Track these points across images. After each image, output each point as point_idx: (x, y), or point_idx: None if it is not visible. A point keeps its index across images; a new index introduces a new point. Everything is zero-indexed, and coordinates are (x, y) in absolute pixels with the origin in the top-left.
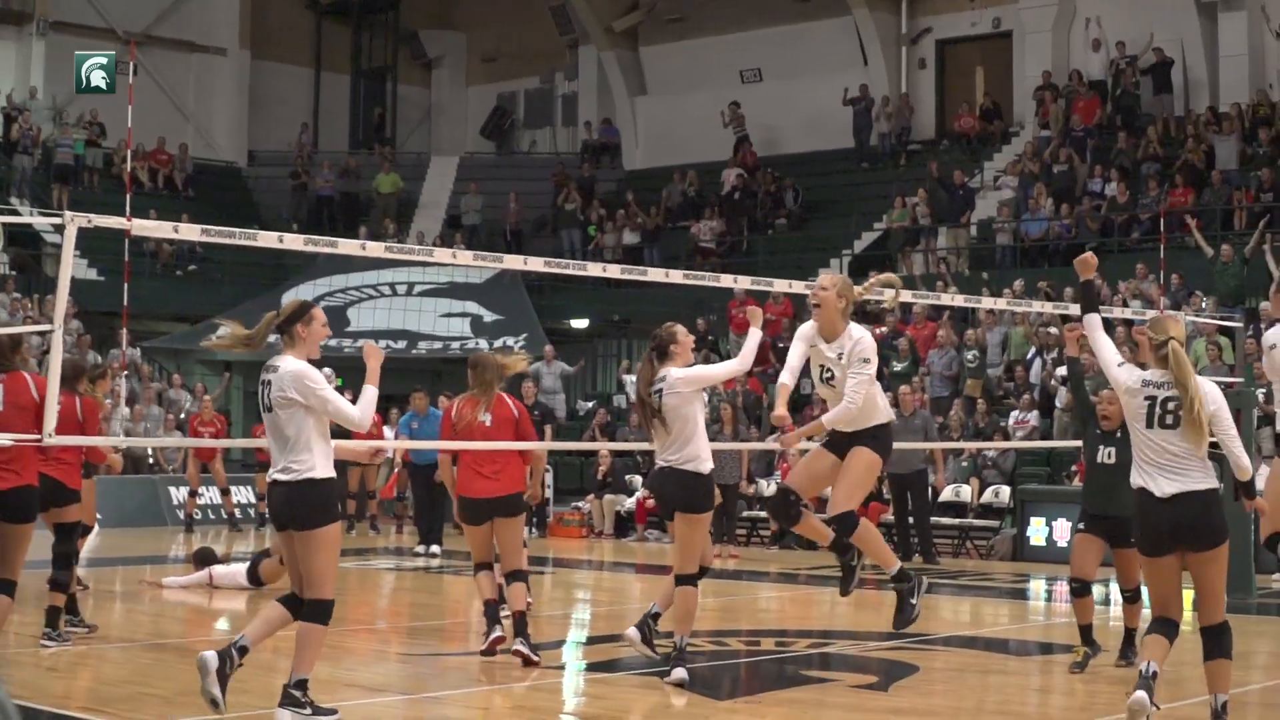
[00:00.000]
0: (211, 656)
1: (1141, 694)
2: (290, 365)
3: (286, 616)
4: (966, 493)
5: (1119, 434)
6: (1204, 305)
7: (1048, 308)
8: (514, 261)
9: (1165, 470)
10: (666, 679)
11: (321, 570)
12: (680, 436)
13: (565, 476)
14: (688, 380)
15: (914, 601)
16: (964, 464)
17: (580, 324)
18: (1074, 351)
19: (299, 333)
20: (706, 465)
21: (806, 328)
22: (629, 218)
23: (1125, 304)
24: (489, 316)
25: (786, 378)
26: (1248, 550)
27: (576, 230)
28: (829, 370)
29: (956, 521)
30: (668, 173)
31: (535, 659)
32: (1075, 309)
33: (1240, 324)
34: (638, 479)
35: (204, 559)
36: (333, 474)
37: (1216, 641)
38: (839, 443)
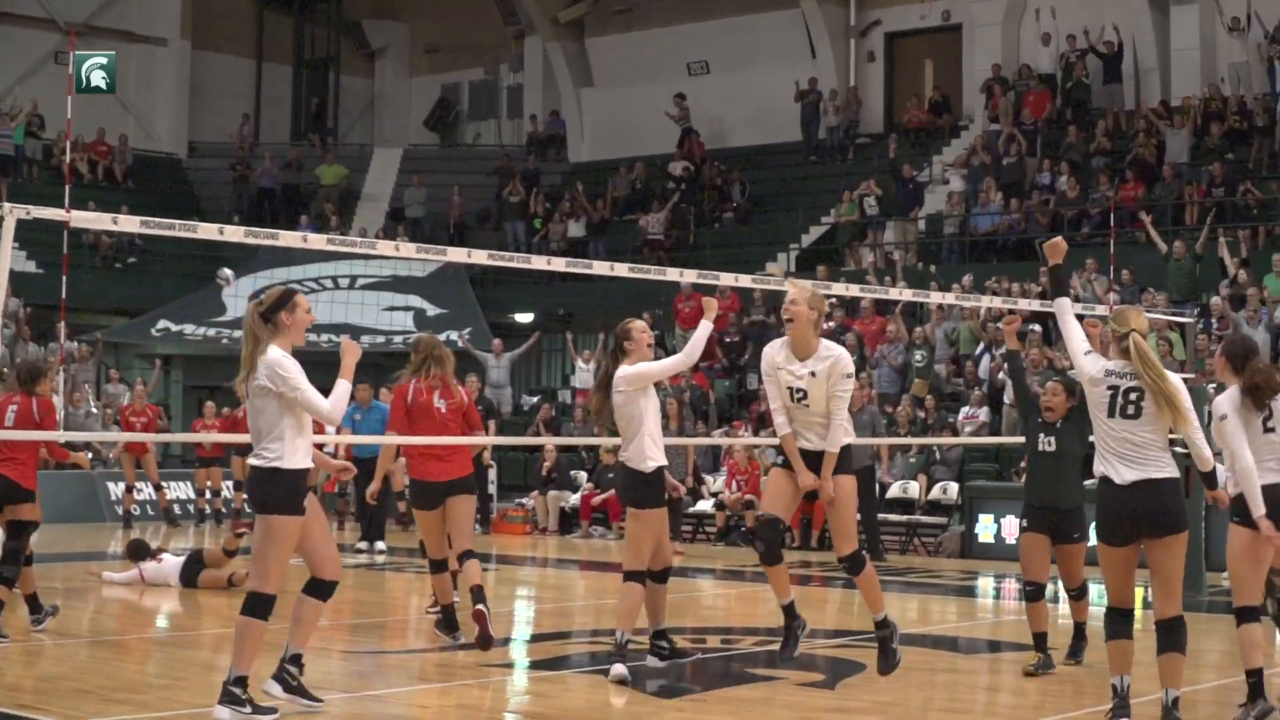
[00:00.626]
0: (273, 686)
1: None
2: (271, 355)
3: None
4: (914, 489)
5: (1059, 424)
6: (1155, 301)
7: (996, 303)
8: (458, 254)
9: (1126, 459)
10: (608, 676)
11: (266, 560)
12: (627, 434)
13: (509, 472)
14: (629, 379)
15: (895, 646)
16: (912, 460)
17: (525, 318)
18: (1012, 345)
19: (283, 320)
20: (652, 463)
21: (773, 354)
22: (575, 211)
23: (1075, 299)
24: (432, 310)
25: (786, 425)
26: (1199, 548)
27: (521, 223)
28: (801, 391)
29: (904, 518)
30: (614, 165)
31: (490, 634)
32: (1024, 304)
33: (1191, 319)
34: (582, 475)
35: (136, 552)
36: (303, 466)
37: (1171, 636)
38: (804, 460)
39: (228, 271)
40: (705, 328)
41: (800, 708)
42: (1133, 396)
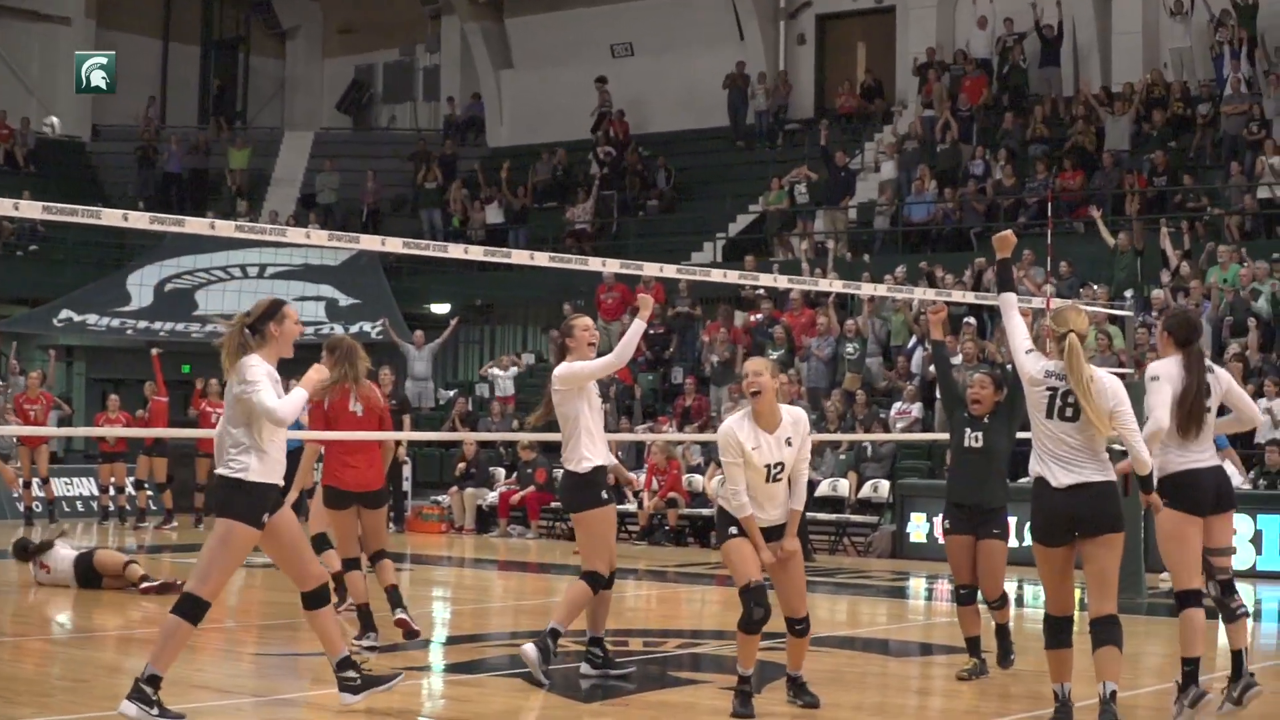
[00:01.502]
0: (349, 698)
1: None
2: (244, 359)
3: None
4: (844, 487)
5: (987, 420)
6: (1096, 294)
7: (930, 294)
8: (371, 242)
9: (1063, 461)
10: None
11: (212, 565)
12: (565, 434)
13: (425, 468)
14: (563, 378)
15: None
16: (842, 457)
17: (441, 309)
18: (938, 335)
19: (271, 331)
20: (588, 463)
21: (738, 435)
22: (494, 197)
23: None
24: (345, 300)
25: (749, 506)
26: (1138, 550)
27: (438, 210)
28: (779, 464)
29: (833, 517)
30: (535, 150)
31: (416, 629)
32: (957, 295)
33: (1131, 313)
34: (501, 471)
35: (20, 551)
36: (268, 480)
37: (1107, 631)
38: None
39: (54, 119)
40: (638, 326)
41: (725, 713)
42: (1071, 399)
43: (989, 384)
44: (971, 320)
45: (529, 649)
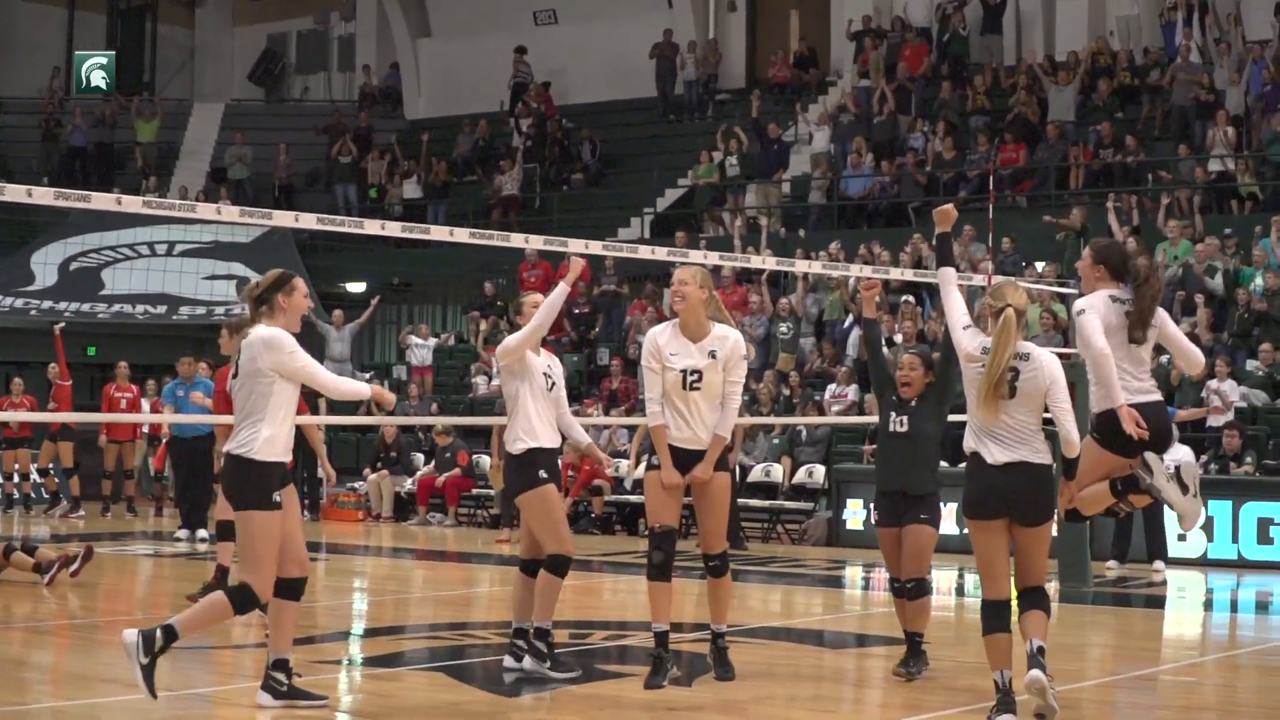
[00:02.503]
0: (264, 696)
1: (1036, 672)
2: (262, 331)
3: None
4: (778, 472)
5: (914, 403)
6: (1044, 272)
7: (867, 271)
8: (285, 218)
9: (999, 440)
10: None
11: (254, 557)
12: (509, 415)
13: (341, 454)
14: (498, 355)
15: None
16: (775, 441)
17: (357, 288)
18: (870, 312)
19: (279, 303)
20: (521, 445)
21: (658, 340)
22: (412, 171)
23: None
24: (256, 279)
25: (661, 415)
26: (1083, 538)
27: (353, 185)
28: (696, 372)
29: (766, 504)
30: (455, 122)
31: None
32: (896, 272)
33: (1077, 290)
34: (420, 457)
35: None
36: (276, 459)
37: (1034, 598)
38: (680, 462)
39: None
40: (561, 289)
41: (654, 706)
42: (1009, 376)
43: (919, 365)
44: (910, 299)
45: (527, 662)
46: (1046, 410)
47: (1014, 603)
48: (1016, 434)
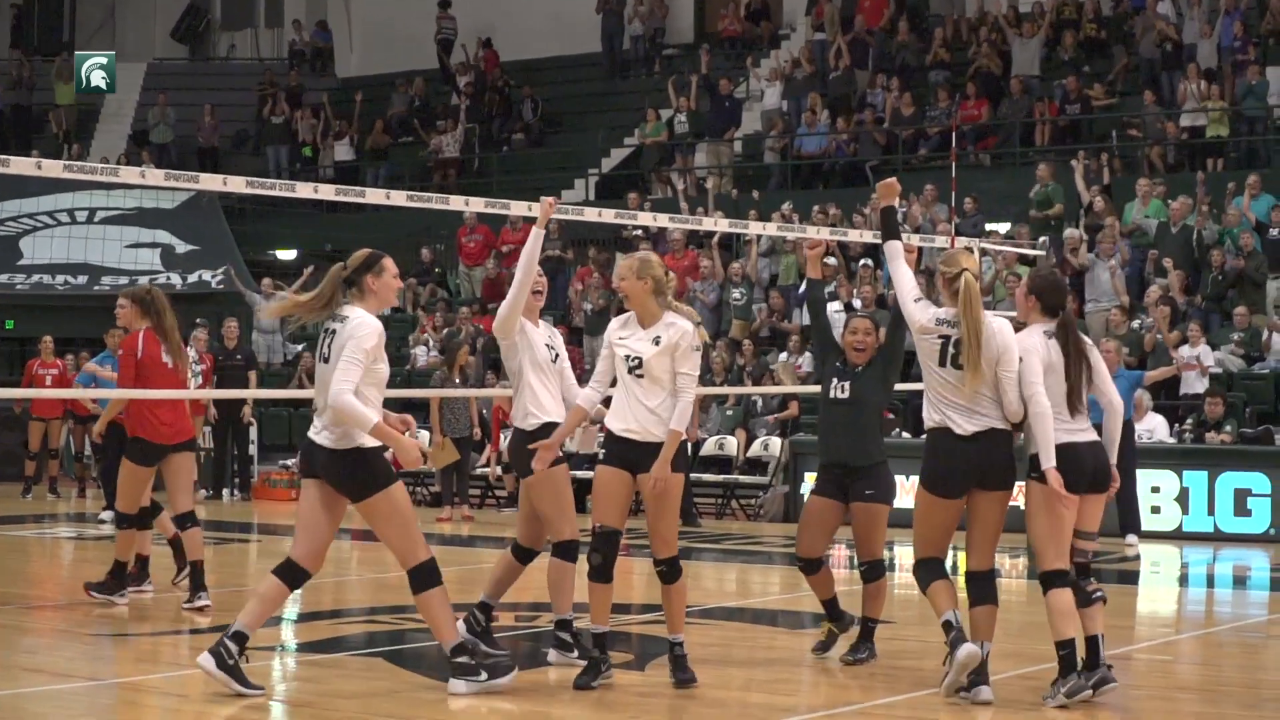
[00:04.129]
0: (208, 659)
1: (971, 645)
2: (360, 317)
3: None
4: (732, 445)
5: (860, 369)
6: (1015, 233)
7: (824, 234)
8: (212, 182)
9: (964, 410)
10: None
11: (397, 538)
12: (513, 391)
13: (272, 430)
14: (494, 330)
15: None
16: (729, 413)
17: (288, 255)
18: (814, 273)
19: (369, 284)
20: (534, 420)
21: (615, 325)
22: (345, 133)
23: (916, 230)
24: (182, 247)
25: (593, 394)
26: None
27: (284, 147)
28: (636, 359)
29: (720, 478)
30: (389, 81)
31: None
32: (854, 234)
33: (1044, 252)
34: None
35: None
36: (378, 444)
37: (986, 587)
38: (627, 455)
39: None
40: (535, 236)
41: (605, 690)
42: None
43: (872, 329)
44: (869, 262)
45: (552, 654)
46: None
47: (951, 574)
48: (977, 401)
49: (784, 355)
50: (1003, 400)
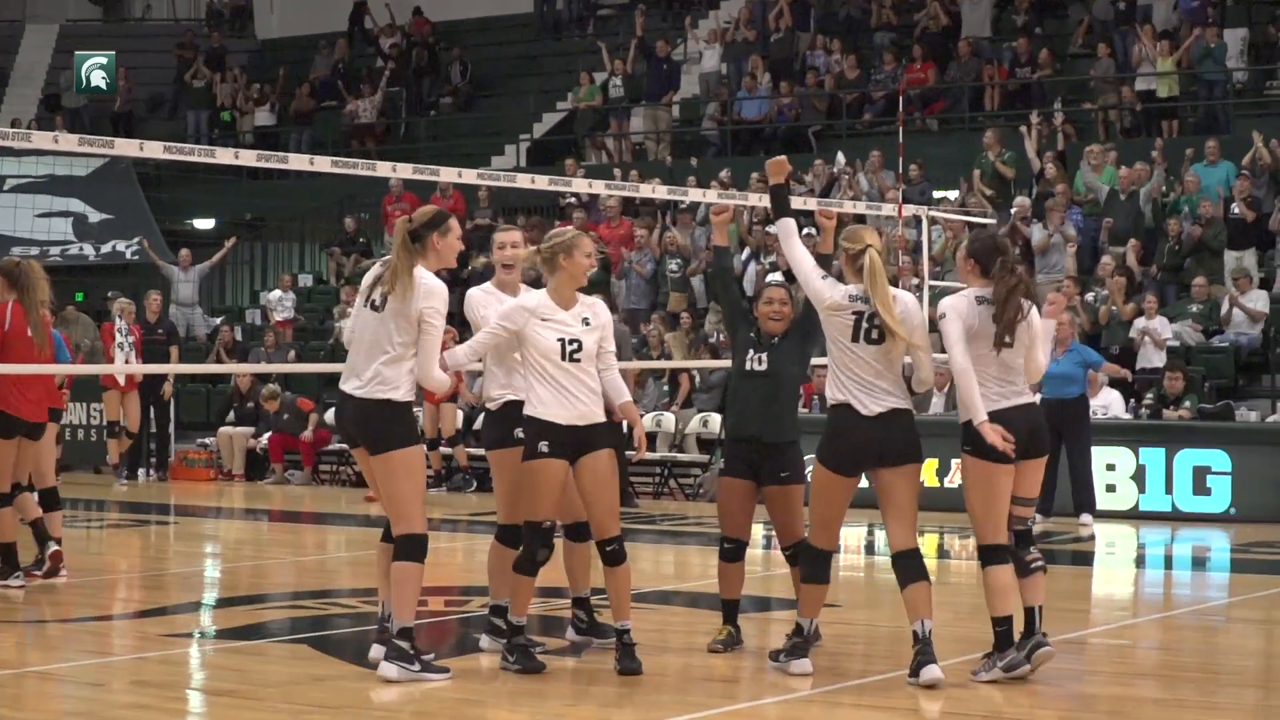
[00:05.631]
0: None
1: (936, 671)
2: (430, 281)
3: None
4: (669, 422)
5: (776, 340)
6: (966, 201)
7: (765, 201)
8: (128, 148)
9: (871, 389)
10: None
11: (404, 499)
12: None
13: (189, 407)
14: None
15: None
16: (666, 387)
17: (206, 224)
18: (721, 240)
19: (434, 242)
20: (499, 395)
21: (528, 305)
22: (266, 97)
23: (863, 195)
24: (95, 216)
25: (468, 356)
26: None
27: (205, 111)
28: (575, 342)
29: (657, 456)
30: (312, 42)
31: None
32: (797, 202)
33: (994, 220)
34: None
35: None
36: (409, 396)
37: (913, 566)
38: (571, 442)
39: None
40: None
41: (539, 679)
42: (877, 321)
43: (788, 299)
44: (812, 231)
45: (484, 640)
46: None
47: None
48: (884, 379)
49: (676, 330)
50: (917, 370)
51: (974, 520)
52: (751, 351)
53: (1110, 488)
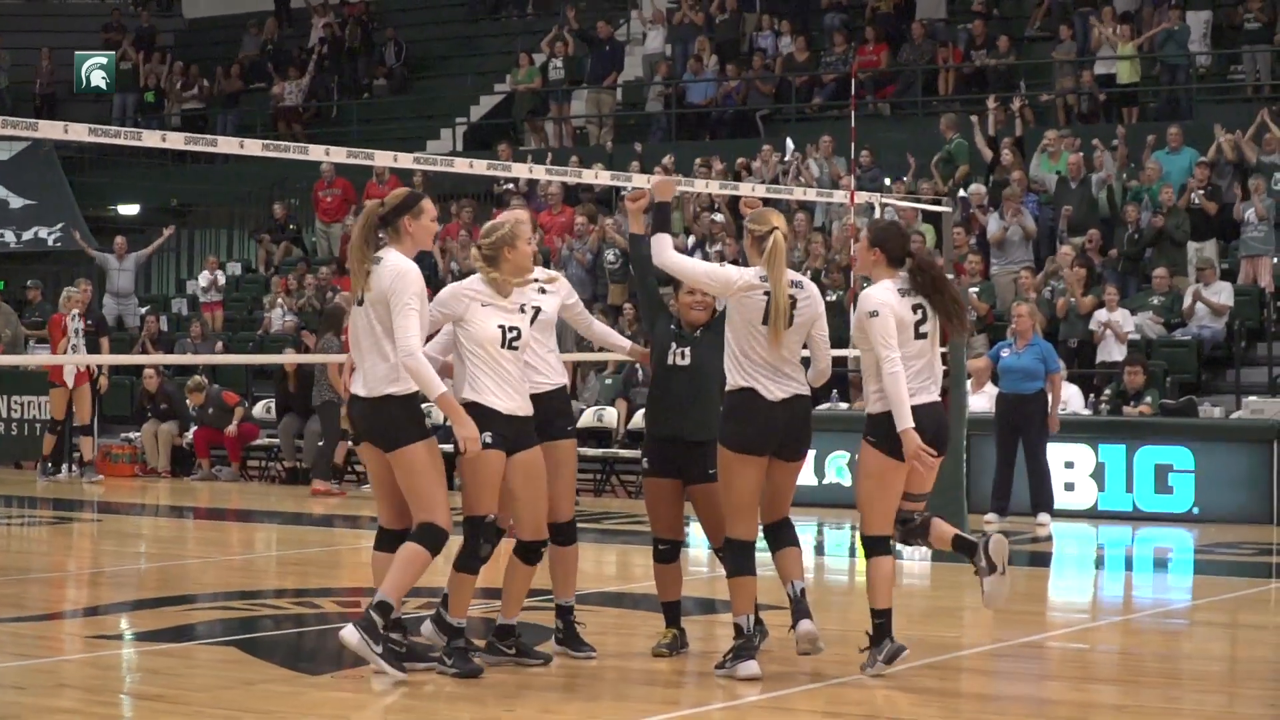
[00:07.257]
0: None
1: (809, 625)
2: (397, 261)
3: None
4: (611, 417)
5: (699, 333)
6: (919, 188)
7: (713, 187)
8: (52, 130)
9: (776, 374)
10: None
11: (423, 493)
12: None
13: (113, 401)
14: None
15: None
16: (608, 381)
17: (130, 210)
18: (637, 228)
19: (405, 226)
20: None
21: (469, 291)
22: (193, 79)
23: (814, 183)
24: (16, 201)
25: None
26: (960, 489)
27: (132, 95)
28: (515, 330)
29: (599, 452)
30: (240, 22)
31: None
32: (745, 188)
33: (949, 209)
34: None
35: None
36: (413, 388)
37: (783, 533)
38: (510, 432)
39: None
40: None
41: (478, 684)
42: (788, 305)
43: (711, 290)
44: (716, 217)
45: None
46: None
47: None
48: (786, 364)
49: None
50: (816, 363)
51: (861, 509)
52: (674, 345)
53: (1069, 486)
